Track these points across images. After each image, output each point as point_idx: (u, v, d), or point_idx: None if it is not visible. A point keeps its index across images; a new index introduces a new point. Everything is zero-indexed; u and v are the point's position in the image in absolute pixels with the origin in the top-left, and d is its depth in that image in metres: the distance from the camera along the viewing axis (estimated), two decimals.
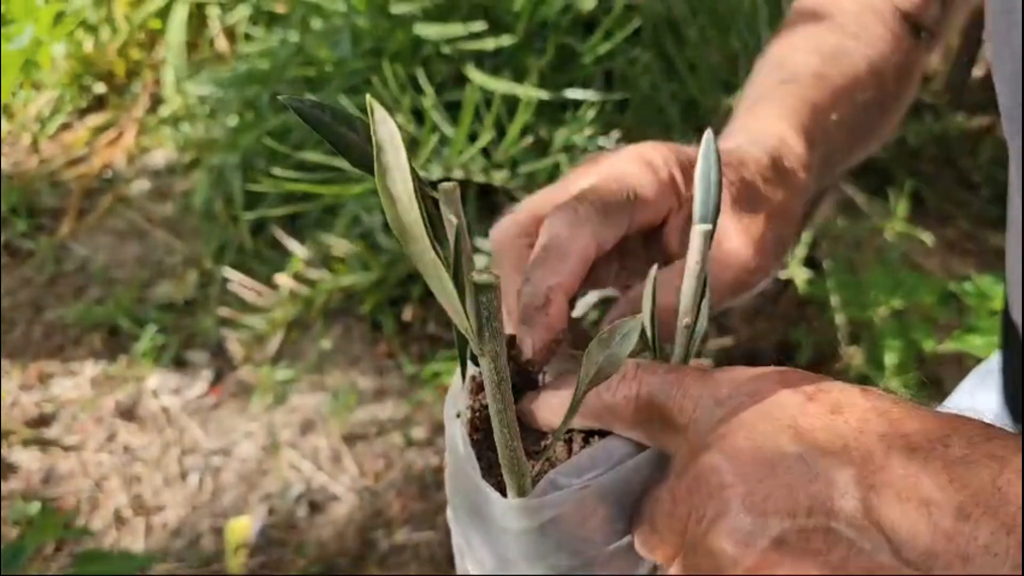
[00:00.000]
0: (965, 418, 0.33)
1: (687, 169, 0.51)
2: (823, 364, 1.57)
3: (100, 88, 2.33)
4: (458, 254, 0.43)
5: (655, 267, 0.47)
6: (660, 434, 0.41)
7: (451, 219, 0.45)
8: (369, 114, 0.31)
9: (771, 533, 0.33)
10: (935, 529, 0.30)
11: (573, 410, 0.42)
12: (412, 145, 1.17)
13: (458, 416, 0.46)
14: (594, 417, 0.44)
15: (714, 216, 0.44)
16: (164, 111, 2.18)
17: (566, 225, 0.47)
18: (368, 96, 0.30)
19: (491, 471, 0.44)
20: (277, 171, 1.27)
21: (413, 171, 0.40)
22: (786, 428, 0.34)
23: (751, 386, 0.37)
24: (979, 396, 0.75)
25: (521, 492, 0.43)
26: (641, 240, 0.52)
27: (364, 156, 0.36)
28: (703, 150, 0.45)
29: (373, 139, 0.31)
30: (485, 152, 1.20)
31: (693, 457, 0.37)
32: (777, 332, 1.69)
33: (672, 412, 0.40)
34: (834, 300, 1.50)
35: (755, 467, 0.34)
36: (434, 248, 0.33)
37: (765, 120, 0.58)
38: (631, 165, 0.50)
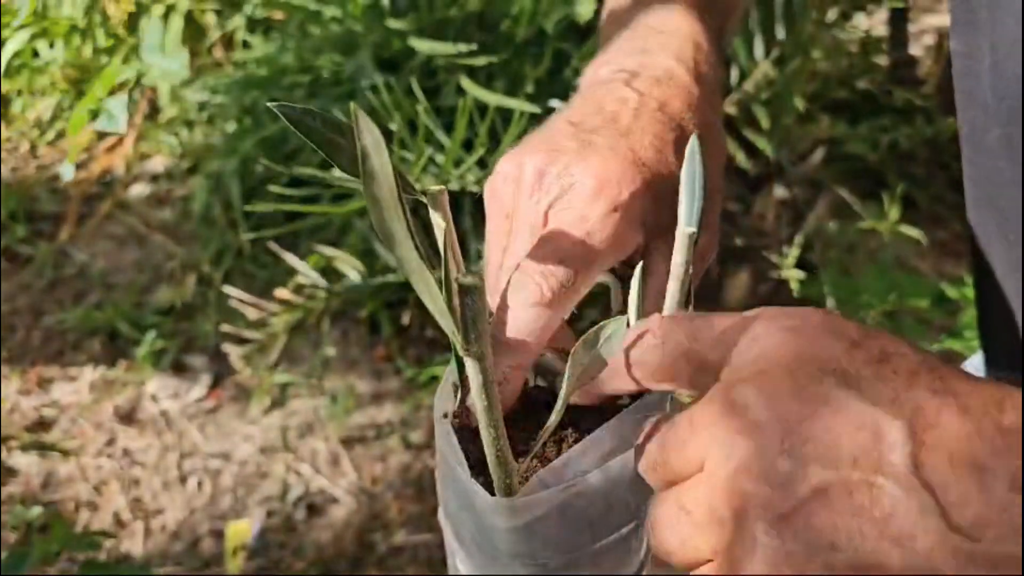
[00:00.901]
0: (1012, 388, 0.31)
1: (650, 183, 0.48)
2: None
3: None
4: (446, 257, 0.43)
5: (640, 264, 0.48)
6: (693, 382, 0.38)
7: (439, 223, 0.46)
8: (354, 121, 0.32)
9: (811, 481, 0.30)
10: (988, 497, 0.28)
11: (560, 411, 0.43)
12: (400, 161, 1.18)
13: (445, 416, 0.47)
14: (620, 377, 0.42)
15: (699, 219, 0.45)
16: (163, 117, 2.19)
17: (530, 308, 0.45)
18: (352, 104, 0.31)
19: (480, 470, 0.45)
20: (275, 188, 1.28)
21: (399, 176, 0.41)
22: (831, 371, 0.32)
23: (792, 322, 0.34)
24: None
25: (509, 491, 0.43)
26: None
27: (354, 162, 0.37)
28: (688, 153, 0.46)
29: (358, 145, 0.32)
30: (482, 162, 1.21)
31: (723, 389, 0.34)
32: None
33: (705, 354, 0.37)
34: (828, 302, 1.51)
35: (796, 407, 0.31)
36: (418, 251, 0.34)
37: (668, 17, 0.55)
38: (595, 210, 0.47)
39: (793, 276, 1.46)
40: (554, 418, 0.44)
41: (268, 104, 0.40)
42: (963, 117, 0.56)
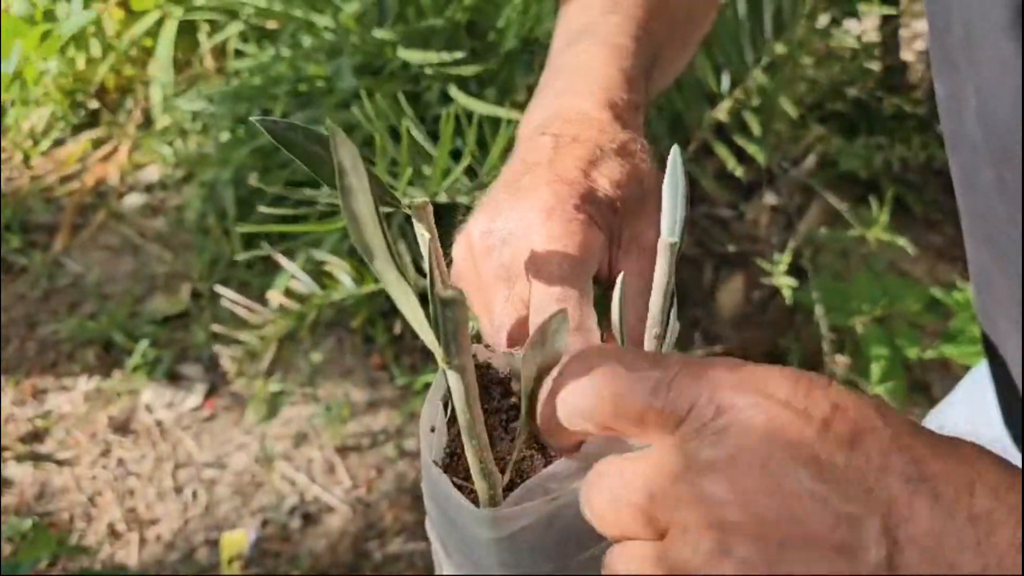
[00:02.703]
0: (986, 459, 0.32)
1: (584, 195, 0.50)
2: (811, 371, 1.58)
3: (93, 104, 2.34)
4: (431, 269, 0.43)
5: (622, 275, 0.48)
6: (640, 434, 0.36)
7: (424, 235, 0.46)
8: (331, 138, 0.32)
9: None
10: None
11: (527, 420, 0.43)
12: (392, 165, 1.18)
13: (432, 431, 0.47)
14: (553, 427, 0.40)
15: (681, 229, 0.45)
16: (157, 127, 2.19)
17: (574, 334, 0.46)
18: (327, 121, 0.31)
19: (465, 480, 0.45)
20: (268, 196, 1.29)
21: (380, 189, 0.41)
22: (804, 460, 0.31)
23: (759, 393, 0.33)
24: (978, 419, 0.73)
25: (493, 502, 0.43)
26: None
27: (335, 175, 0.37)
28: (670, 164, 0.46)
29: (335, 162, 0.32)
30: (474, 172, 1.21)
31: (689, 468, 0.33)
32: (766, 340, 1.71)
33: (658, 411, 0.34)
34: (819, 308, 1.51)
35: (773, 505, 0.31)
36: (397, 265, 0.34)
37: (591, 68, 0.58)
38: (555, 228, 0.48)
39: (786, 283, 1.47)
40: (521, 429, 0.44)
41: (252, 119, 0.41)
42: (954, 158, 0.57)
